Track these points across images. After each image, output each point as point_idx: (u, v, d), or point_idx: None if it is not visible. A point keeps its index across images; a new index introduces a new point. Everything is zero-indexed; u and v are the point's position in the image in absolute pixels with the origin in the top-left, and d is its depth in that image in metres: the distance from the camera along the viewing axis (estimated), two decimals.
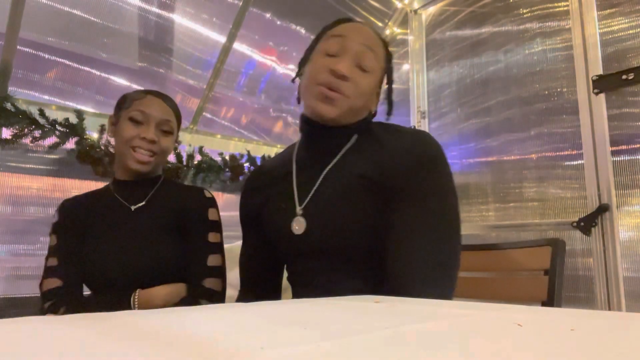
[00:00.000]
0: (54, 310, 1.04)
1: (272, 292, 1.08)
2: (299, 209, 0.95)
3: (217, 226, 1.17)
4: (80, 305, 1.05)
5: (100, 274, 1.09)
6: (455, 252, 0.87)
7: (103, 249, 1.11)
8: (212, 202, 1.19)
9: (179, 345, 0.37)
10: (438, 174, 0.89)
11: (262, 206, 1.04)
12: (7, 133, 1.98)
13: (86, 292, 1.15)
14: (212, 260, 1.11)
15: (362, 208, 0.89)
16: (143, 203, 1.16)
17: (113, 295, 1.05)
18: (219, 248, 1.14)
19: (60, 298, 1.06)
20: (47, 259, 1.15)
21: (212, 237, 1.14)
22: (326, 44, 0.94)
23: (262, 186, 1.06)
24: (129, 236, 1.12)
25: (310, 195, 0.95)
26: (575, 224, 1.92)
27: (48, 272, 1.11)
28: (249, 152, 2.61)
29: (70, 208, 1.20)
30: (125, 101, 1.16)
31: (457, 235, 0.88)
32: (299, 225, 0.94)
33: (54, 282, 1.09)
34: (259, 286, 1.08)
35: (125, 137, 1.11)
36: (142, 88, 1.24)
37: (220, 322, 0.49)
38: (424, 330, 0.43)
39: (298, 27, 2.65)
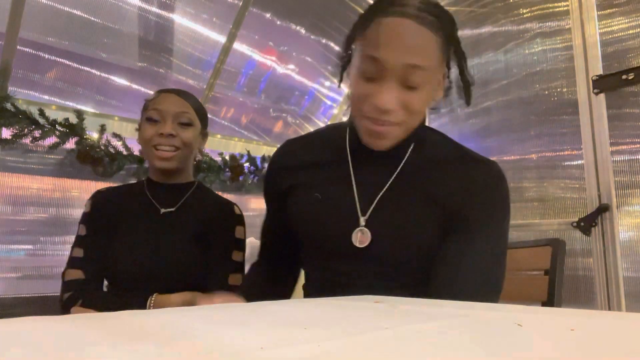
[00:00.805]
0: (71, 302, 1.04)
1: (290, 267, 1.03)
2: (362, 219, 0.86)
3: (242, 245, 1.18)
4: (97, 301, 1.05)
5: (121, 272, 1.09)
6: (502, 276, 0.85)
7: (128, 247, 1.11)
8: (241, 220, 1.20)
9: (178, 345, 0.37)
10: (501, 204, 0.88)
11: (300, 188, 0.93)
12: (7, 133, 1.99)
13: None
14: (233, 279, 1.13)
15: (424, 226, 0.85)
16: (173, 209, 1.16)
17: (130, 296, 1.05)
18: (241, 267, 1.16)
19: (79, 291, 1.06)
20: (73, 248, 1.14)
21: (235, 256, 1.15)
22: (362, 62, 0.79)
23: (304, 166, 0.94)
24: (154, 239, 1.12)
25: (373, 204, 0.86)
26: (575, 224, 1.92)
27: (72, 262, 1.11)
28: (249, 152, 2.61)
29: (102, 200, 1.18)
30: (144, 105, 1.19)
31: (505, 261, 0.86)
32: (363, 238, 0.85)
33: (77, 274, 1.08)
34: (278, 260, 1.04)
35: (145, 138, 1.13)
36: (142, 88, 1.25)
37: (220, 322, 0.49)
38: (424, 331, 0.43)
39: (298, 27, 2.64)
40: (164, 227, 1.13)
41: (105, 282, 1.15)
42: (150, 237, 1.12)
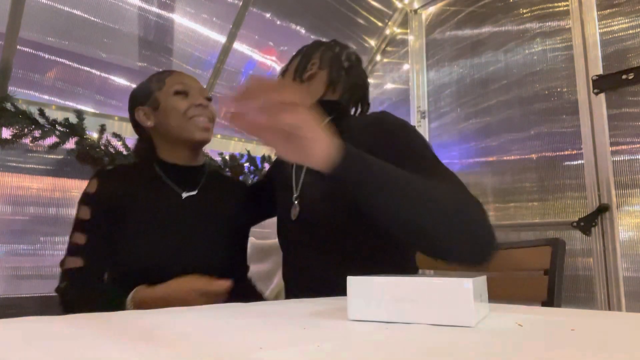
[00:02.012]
0: (65, 293, 0.96)
1: None
2: (295, 195, 0.98)
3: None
4: (94, 294, 0.96)
5: (136, 263, 0.98)
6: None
7: (145, 236, 0.99)
8: None
9: (178, 345, 0.37)
10: (412, 132, 0.92)
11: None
12: (7, 133, 1.98)
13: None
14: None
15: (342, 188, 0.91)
16: (194, 192, 1.07)
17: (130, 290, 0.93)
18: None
19: (78, 281, 0.97)
20: (73, 233, 1.02)
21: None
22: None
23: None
24: (179, 226, 1.02)
25: (301, 179, 0.98)
26: (575, 224, 1.92)
27: (72, 249, 1.00)
28: (249, 152, 2.61)
29: (110, 180, 1.06)
30: (151, 88, 1.10)
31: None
32: (295, 211, 0.96)
33: (76, 262, 0.98)
34: None
35: (180, 110, 1.04)
36: None
37: (220, 322, 0.49)
38: (424, 331, 0.43)
39: (298, 27, 2.64)
40: (188, 213, 1.04)
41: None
42: (174, 224, 1.01)
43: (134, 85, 1.18)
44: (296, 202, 0.97)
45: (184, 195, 1.06)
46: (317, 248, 0.93)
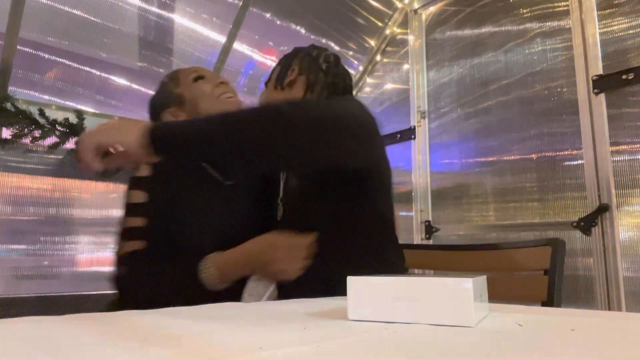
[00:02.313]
0: (126, 280, 0.94)
1: None
2: (279, 197, 1.08)
3: None
4: (158, 276, 0.92)
5: (191, 248, 0.94)
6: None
7: (200, 216, 1.00)
8: None
9: (177, 345, 0.37)
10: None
11: None
12: (7, 133, 1.99)
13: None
14: None
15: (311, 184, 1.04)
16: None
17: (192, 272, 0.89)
18: None
19: (138, 263, 0.94)
20: (126, 218, 0.99)
21: None
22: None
23: None
24: (229, 213, 1.03)
25: (282, 181, 1.07)
26: (575, 224, 1.92)
27: (128, 233, 0.96)
28: None
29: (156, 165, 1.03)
30: (168, 89, 1.09)
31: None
32: (279, 213, 1.06)
33: (135, 245, 0.95)
34: None
35: (207, 92, 1.06)
36: (142, 88, 1.24)
37: (220, 322, 0.49)
38: (424, 330, 0.43)
39: (298, 27, 2.64)
40: (233, 199, 1.04)
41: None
42: (223, 210, 1.02)
43: (134, 85, 1.19)
44: (280, 203, 1.04)
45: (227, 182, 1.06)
46: None
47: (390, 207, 1.05)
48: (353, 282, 0.51)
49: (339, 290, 0.56)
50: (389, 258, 1.00)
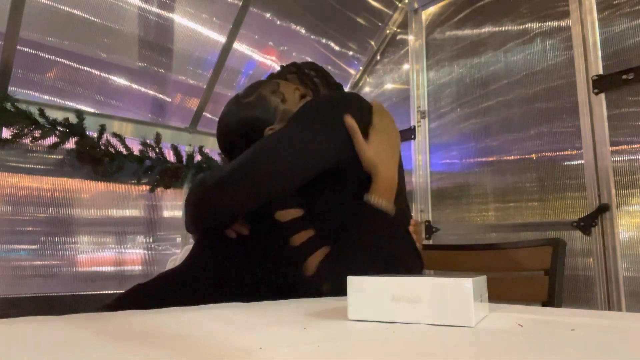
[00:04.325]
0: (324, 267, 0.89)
1: None
2: None
3: None
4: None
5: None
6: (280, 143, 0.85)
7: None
8: None
9: (177, 345, 0.37)
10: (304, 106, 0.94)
11: None
12: (7, 133, 1.99)
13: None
14: None
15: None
16: None
17: None
18: None
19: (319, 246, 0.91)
20: (286, 213, 0.96)
21: None
22: None
23: None
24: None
25: None
26: (575, 224, 1.92)
27: (294, 225, 0.93)
28: None
29: None
30: (275, 104, 1.05)
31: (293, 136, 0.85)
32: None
33: (308, 233, 0.92)
34: None
35: None
36: (142, 88, 1.22)
37: (220, 322, 0.49)
38: (424, 330, 0.43)
39: (298, 27, 2.64)
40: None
41: None
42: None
43: (134, 85, 1.18)
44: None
45: None
46: None
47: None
48: (353, 282, 0.51)
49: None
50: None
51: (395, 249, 0.95)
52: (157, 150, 2.39)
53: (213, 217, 0.90)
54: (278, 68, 1.21)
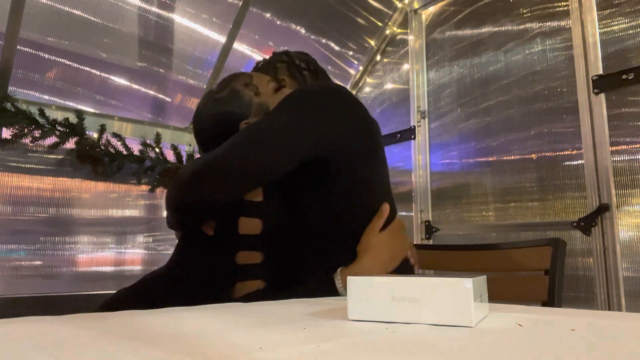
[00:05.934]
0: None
1: None
2: None
3: None
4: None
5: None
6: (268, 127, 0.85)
7: None
8: None
9: (177, 345, 0.37)
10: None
11: None
12: (7, 133, 1.99)
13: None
14: None
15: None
16: None
17: None
18: None
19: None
20: (248, 221, 0.96)
21: None
22: None
23: None
24: None
25: None
26: (575, 224, 1.92)
27: (248, 241, 0.95)
28: None
29: None
30: (246, 97, 1.03)
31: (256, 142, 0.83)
32: None
33: (255, 257, 0.95)
34: None
35: None
36: (142, 88, 1.22)
37: (220, 321, 0.49)
38: (424, 330, 0.43)
39: (298, 27, 2.64)
40: None
41: None
42: None
43: (134, 85, 1.18)
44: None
45: None
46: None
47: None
48: (353, 282, 0.51)
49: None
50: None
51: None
52: (157, 150, 2.39)
53: (191, 208, 0.88)
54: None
